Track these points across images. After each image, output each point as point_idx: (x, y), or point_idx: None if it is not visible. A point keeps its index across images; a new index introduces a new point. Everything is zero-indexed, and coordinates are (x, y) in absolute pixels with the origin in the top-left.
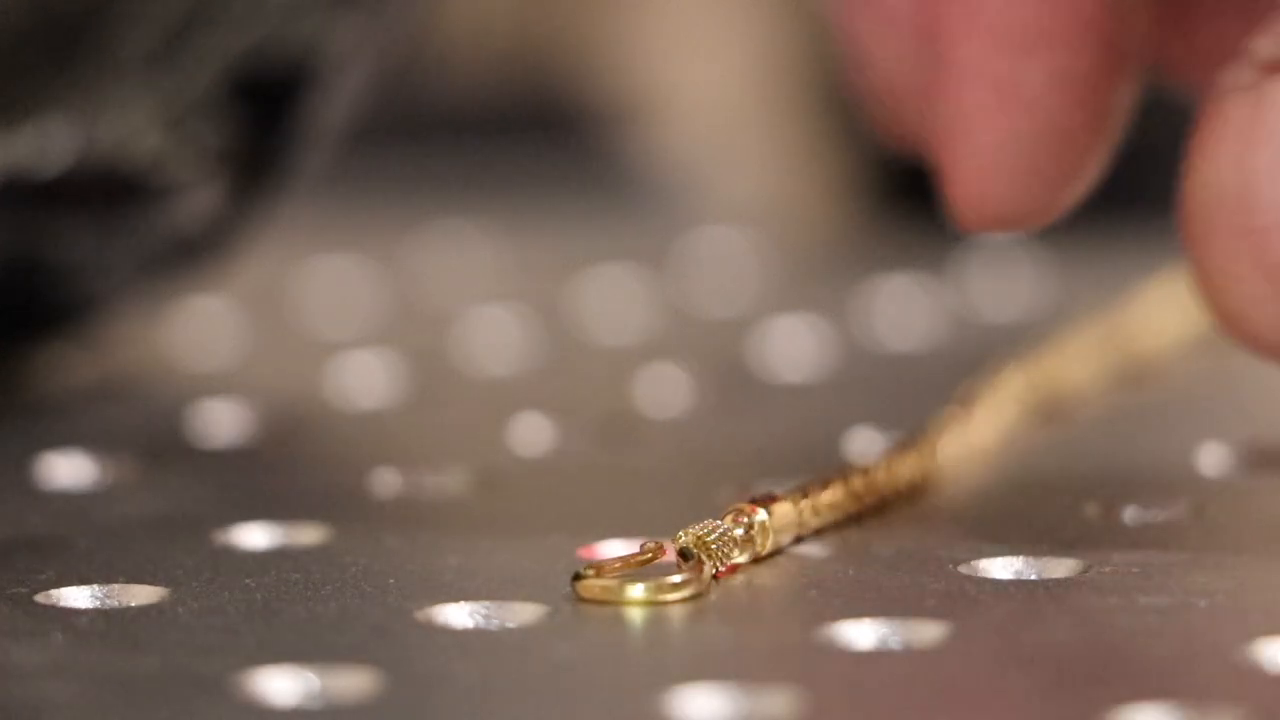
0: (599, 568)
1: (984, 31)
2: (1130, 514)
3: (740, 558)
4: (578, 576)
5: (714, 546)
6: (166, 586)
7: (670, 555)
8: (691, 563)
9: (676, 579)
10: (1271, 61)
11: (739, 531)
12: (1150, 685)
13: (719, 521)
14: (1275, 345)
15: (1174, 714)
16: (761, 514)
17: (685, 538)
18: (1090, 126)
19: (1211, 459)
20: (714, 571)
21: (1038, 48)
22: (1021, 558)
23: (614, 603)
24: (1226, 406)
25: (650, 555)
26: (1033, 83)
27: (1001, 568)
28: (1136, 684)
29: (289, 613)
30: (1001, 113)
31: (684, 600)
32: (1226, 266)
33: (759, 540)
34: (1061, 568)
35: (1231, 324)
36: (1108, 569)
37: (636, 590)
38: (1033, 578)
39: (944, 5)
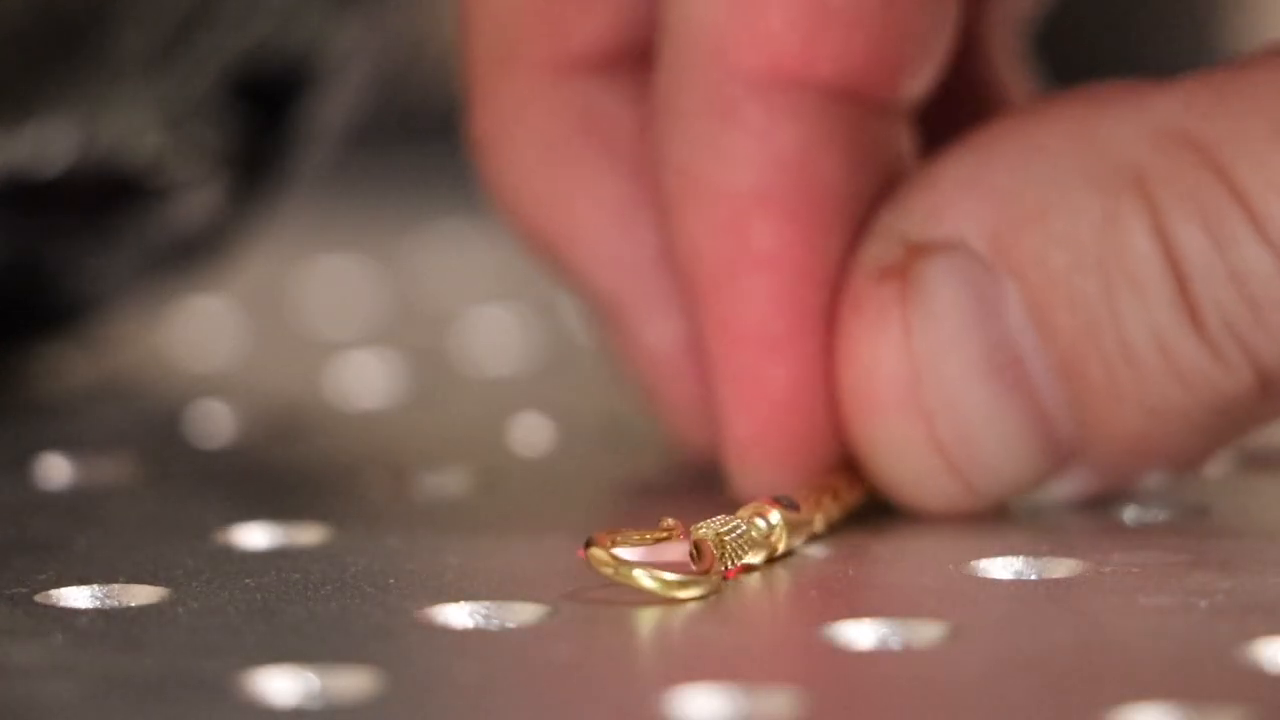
0: (613, 538)
1: (727, 330)
2: (1130, 514)
3: (754, 558)
4: (590, 544)
5: (729, 545)
6: (166, 586)
7: (685, 543)
8: (704, 561)
9: (686, 579)
10: (919, 243)
11: (755, 532)
12: (1150, 685)
13: (738, 520)
14: (943, 509)
15: (1174, 714)
16: (777, 515)
17: (705, 530)
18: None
19: (1211, 459)
20: (724, 569)
21: (779, 348)
22: (1021, 558)
23: (620, 580)
24: None
25: (666, 535)
26: (778, 382)
27: (1001, 568)
28: (1136, 684)
29: (289, 613)
30: (751, 409)
31: (691, 600)
32: (896, 444)
33: (776, 540)
34: (1061, 568)
35: (900, 493)
36: (1108, 569)
37: (646, 579)
38: (1033, 578)
39: (699, 304)
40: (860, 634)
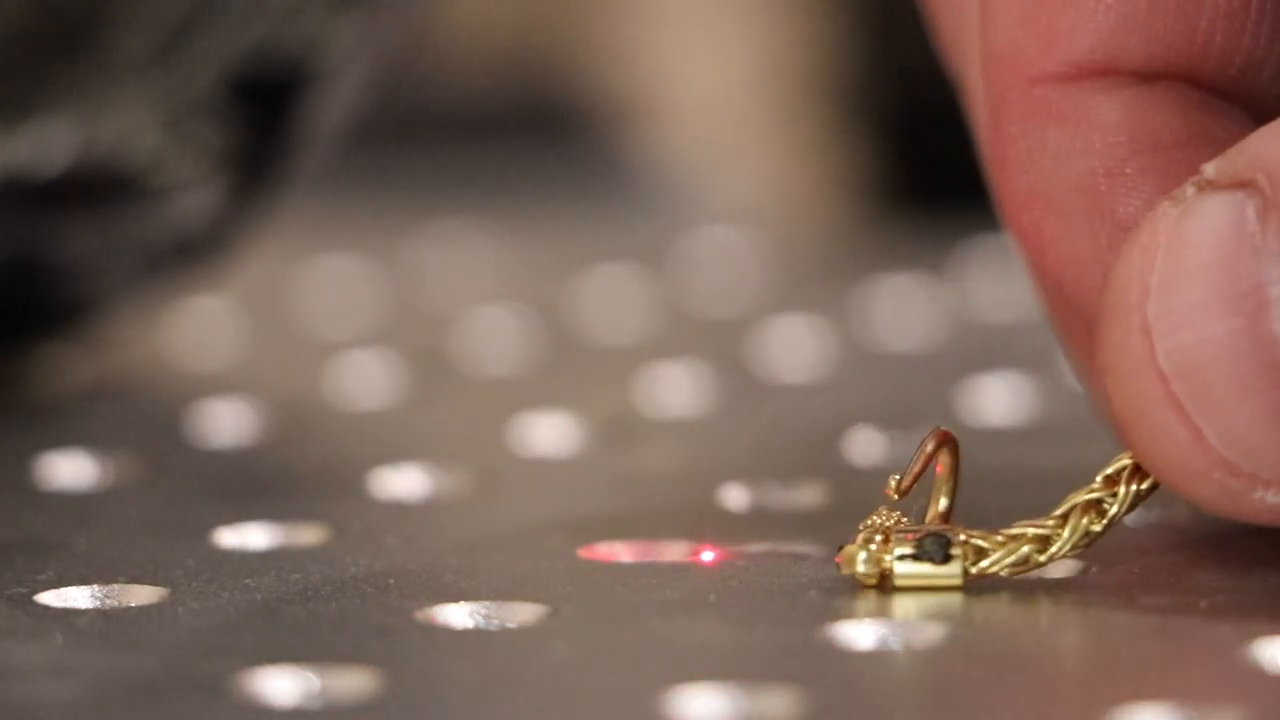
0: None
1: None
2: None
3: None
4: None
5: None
6: (166, 586)
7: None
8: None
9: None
10: (1208, 180)
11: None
12: (1150, 685)
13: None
14: (1182, 470)
15: (1174, 714)
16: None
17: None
18: None
19: None
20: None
21: None
22: None
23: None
24: None
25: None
26: None
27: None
28: (1136, 684)
29: (289, 613)
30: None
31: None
32: (1121, 360)
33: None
34: (1061, 568)
35: (1136, 437)
36: (1108, 569)
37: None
38: (1032, 578)
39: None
40: (860, 634)
